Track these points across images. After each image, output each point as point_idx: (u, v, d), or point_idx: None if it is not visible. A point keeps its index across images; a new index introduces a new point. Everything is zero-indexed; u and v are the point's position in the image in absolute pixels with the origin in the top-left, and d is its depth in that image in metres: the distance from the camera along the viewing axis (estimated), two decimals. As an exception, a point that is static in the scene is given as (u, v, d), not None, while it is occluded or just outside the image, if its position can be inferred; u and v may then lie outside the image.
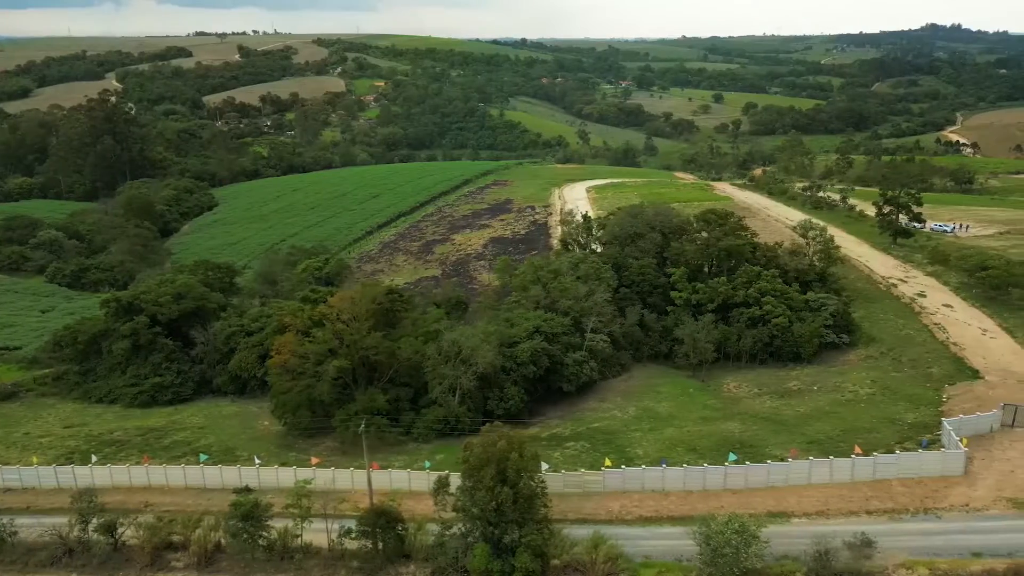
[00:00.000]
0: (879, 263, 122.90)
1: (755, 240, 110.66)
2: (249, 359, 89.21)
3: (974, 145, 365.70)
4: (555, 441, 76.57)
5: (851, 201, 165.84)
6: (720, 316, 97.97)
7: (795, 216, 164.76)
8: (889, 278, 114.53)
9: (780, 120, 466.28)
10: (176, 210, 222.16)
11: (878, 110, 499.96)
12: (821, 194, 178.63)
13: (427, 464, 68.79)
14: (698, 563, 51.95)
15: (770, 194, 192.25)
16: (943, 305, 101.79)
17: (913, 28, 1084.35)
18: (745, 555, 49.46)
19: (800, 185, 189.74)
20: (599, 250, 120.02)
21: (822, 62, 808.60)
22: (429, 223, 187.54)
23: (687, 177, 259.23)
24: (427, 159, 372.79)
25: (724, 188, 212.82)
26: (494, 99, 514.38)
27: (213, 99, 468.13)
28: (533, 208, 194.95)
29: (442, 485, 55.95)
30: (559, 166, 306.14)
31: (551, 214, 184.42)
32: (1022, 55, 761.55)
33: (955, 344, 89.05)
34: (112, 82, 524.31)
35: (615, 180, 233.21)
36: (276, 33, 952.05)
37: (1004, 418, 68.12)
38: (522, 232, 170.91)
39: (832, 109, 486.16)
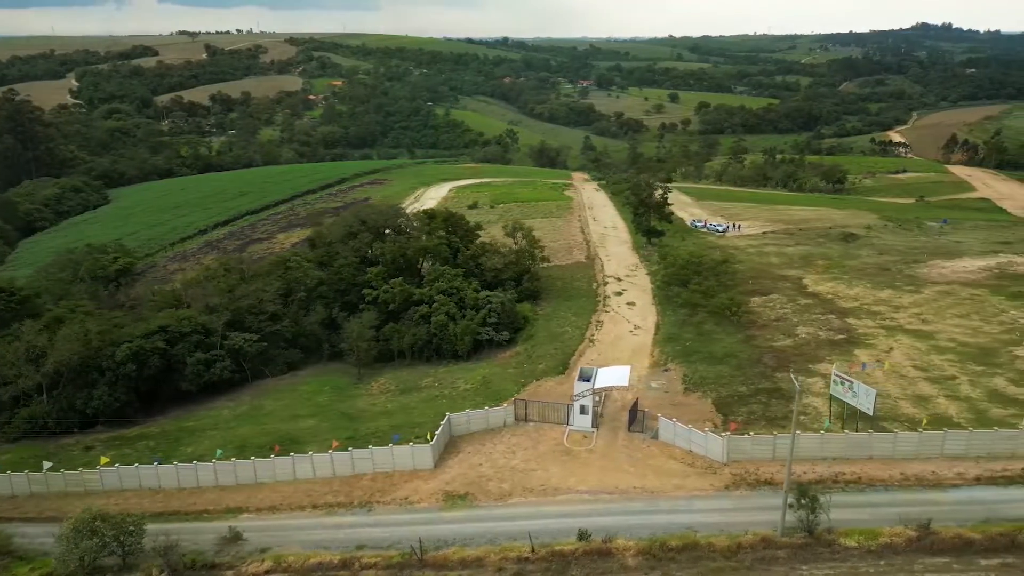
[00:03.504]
0: (618, 262, 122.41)
1: (459, 239, 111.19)
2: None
3: (902, 144, 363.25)
4: (134, 440, 76.94)
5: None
6: (401, 314, 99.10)
7: (607, 217, 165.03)
8: (609, 276, 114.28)
9: (729, 120, 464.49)
10: (53, 209, 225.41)
11: (832, 109, 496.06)
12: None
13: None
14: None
15: (612, 194, 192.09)
16: (626, 304, 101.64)
17: (904, 28, 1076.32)
18: (75, 549, 50.28)
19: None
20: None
21: (802, 61, 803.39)
22: (269, 223, 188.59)
23: (578, 176, 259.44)
24: (362, 158, 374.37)
25: (584, 188, 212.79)
26: (447, 98, 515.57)
27: (163, 98, 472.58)
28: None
29: None
30: (469, 165, 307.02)
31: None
32: (1004, 54, 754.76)
33: (591, 341, 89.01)
34: (71, 81, 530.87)
35: (487, 180, 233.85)
36: (262, 32, 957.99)
37: (517, 412, 68.29)
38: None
39: (782, 108, 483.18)
